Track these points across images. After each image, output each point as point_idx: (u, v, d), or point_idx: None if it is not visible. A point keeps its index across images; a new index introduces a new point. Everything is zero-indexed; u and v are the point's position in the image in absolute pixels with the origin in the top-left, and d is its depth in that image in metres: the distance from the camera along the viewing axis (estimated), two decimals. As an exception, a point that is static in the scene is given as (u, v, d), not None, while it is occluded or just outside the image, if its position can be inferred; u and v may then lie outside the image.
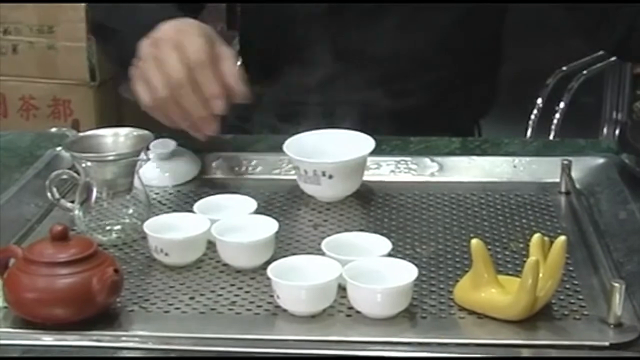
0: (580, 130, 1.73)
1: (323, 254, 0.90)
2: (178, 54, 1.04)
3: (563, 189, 1.10)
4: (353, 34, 1.33)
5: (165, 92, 1.04)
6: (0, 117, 2.75)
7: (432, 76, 1.31)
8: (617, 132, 1.98)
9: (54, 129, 1.20)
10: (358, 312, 0.85)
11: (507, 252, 0.96)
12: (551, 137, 1.74)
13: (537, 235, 0.86)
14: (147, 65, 1.07)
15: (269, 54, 1.42)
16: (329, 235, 0.94)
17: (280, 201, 1.09)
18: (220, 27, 2.62)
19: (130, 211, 1.00)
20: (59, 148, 1.17)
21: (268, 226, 0.95)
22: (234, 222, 0.97)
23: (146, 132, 1.02)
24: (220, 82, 1.04)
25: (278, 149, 1.11)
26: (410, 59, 1.33)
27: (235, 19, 2.63)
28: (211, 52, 1.05)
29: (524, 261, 0.83)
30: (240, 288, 0.90)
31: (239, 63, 1.11)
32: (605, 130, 2.00)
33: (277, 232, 0.95)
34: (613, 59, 1.92)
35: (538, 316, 0.84)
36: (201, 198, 1.03)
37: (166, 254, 0.94)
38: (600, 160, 1.15)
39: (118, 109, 2.76)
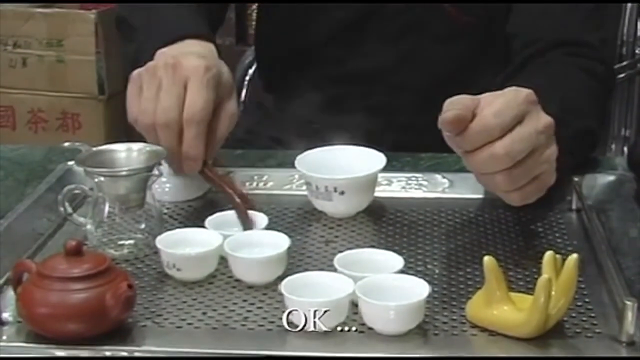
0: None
1: (335, 270, 0.90)
2: (178, 93, 1.03)
3: (574, 207, 1.10)
4: (363, 59, 1.34)
5: (147, 123, 1.04)
6: (9, 130, 2.76)
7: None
8: (625, 149, 1.98)
9: (66, 144, 1.20)
10: (370, 328, 0.85)
11: (519, 270, 0.96)
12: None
13: (549, 253, 0.86)
14: (147, 86, 1.05)
15: (281, 70, 1.43)
16: (340, 252, 0.94)
17: (292, 217, 1.09)
18: (229, 41, 2.63)
19: (143, 226, 1.00)
20: (71, 162, 1.18)
21: (280, 242, 0.95)
22: (247, 237, 0.97)
23: (159, 147, 1.03)
24: (204, 143, 1.03)
25: (289, 164, 1.11)
26: (417, 88, 1.33)
27: (245, 34, 2.65)
28: (212, 106, 1.04)
29: (536, 279, 0.83)
30: (252, 304, 0.90)
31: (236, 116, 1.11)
32: (613, 146, 2.00)
33: (288, 248, 0.95)
34: (622, 75, 1.92)
35: (550, 334, 0.84)
36: (213, 213, 1.04)
37: (178, 270, 0.94)
38: (611, 178, 1.16)
39: (126, 122, 2.77)
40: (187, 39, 1.13)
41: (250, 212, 1.02)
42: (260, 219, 1.02)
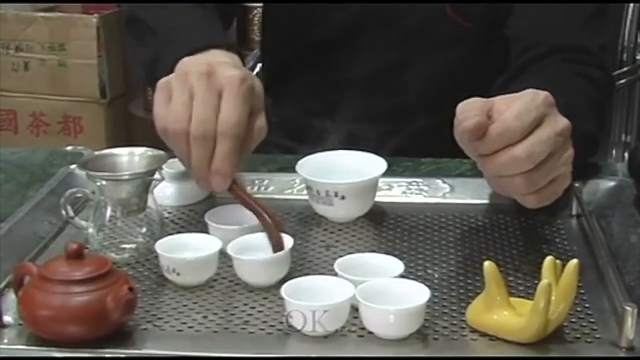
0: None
1: (335, 274, 0.91)
2: (214, 104, 0.96)
3: (574, 212, 1.10)
4: (364, 63, 1.34)
5: (179, 130, 0.96)
6: (11, 133, 2.77)
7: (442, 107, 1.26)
8: (625, 154, 1.98)
9: (69, 147, 1.20)
10: (370, 332, 0.85)
11: (519, 275, 0.96)
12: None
13: (549, 258, 0.87)
14: (179, 92, 0.98)
15: (284, 74, 1.43)
16: (341, 256, 0.94)
17: (293, 221, 1.09)
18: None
19: (144, 230, 1.01)
20: (73, 166, 1.18)
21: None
22: (250, 240, 0.98)
23: (161, 152, 1.03)
24: (236, 159, 0.97)
25: (290, 169, 1.11)
26: (417, 93, 1.34)
27: (246, 39, 2.65)
28: (246, 120, 0.98)
29: (536, 284, 0.83)
30: (253, 307, 0.90)
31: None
32: (614, 152, 2.00)
33: (291, 249, 0.95)
34: (622, 81, 1.92)
35: (550, 339, 0.84)
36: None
37: (178, 274, 0.94)
38: (612, 183, 1.16)
39: (128, 126, 2.78)
40: (212, 49, 1.08)
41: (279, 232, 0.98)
42: (287, 240, 0.98)
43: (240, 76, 0.98)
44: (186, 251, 0.96)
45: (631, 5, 1.87)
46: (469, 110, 0.89)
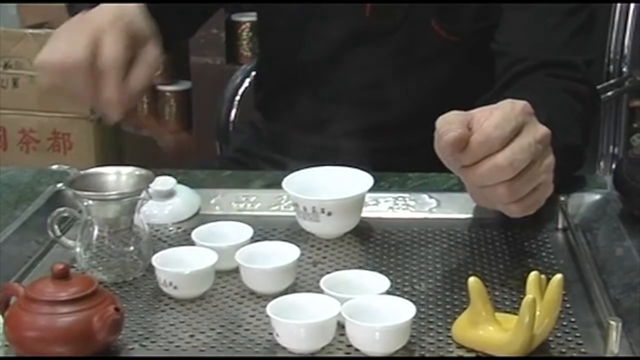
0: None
1: (322, 291, 0.91)
2: (89, 39, 1.05)
3: (560, 226, 1.10)
4: (353, 79, 1.34)
5: (55, 61, 1.08)
6: (0, 150, 2.76)
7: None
8: (614, 166, 1.98)
9: (55, 166, 1.20)
10: (357, 349, 0.85)
11: (505, 289, 0.97)
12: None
13: (533, 273, 0.87)
14: (58, 34, 1.09)
15: (274, 90, 1.44)
16: (328, 273, 0.95)
17: (280, 238, 1.09)
18: (219, 61, 2.64)
19: (131, 249, 1.01)
20: (60, 185, 1.18)
21: (290, 252, 0.98)
22: (258, 248, 0.99)
23: (148, 171, 1.03)
24: (120, 88, 1.06)
25: (277, 185, 1.12)
26: (410, 107, 1.34)
27: (235, 54, 2.66)
28: (126, 53, 1.06)
29: (521, 298, 0.84)
30: (239, 326, 0.91)
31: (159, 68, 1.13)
32: (602, 164, 2.00)
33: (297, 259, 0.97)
34: (610, 93, 1.93)
35: (536, 353, 0.84)
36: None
37: (175, 287, 0.94)
38: (597, 197, 1.16)
39: (118, 142, 2.78)
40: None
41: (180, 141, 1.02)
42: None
43: (113, 13, 1.07)
44: (182, 265, 0.96)
45: (617, 17, 1.88)
46: (449, 124, 0.90)
